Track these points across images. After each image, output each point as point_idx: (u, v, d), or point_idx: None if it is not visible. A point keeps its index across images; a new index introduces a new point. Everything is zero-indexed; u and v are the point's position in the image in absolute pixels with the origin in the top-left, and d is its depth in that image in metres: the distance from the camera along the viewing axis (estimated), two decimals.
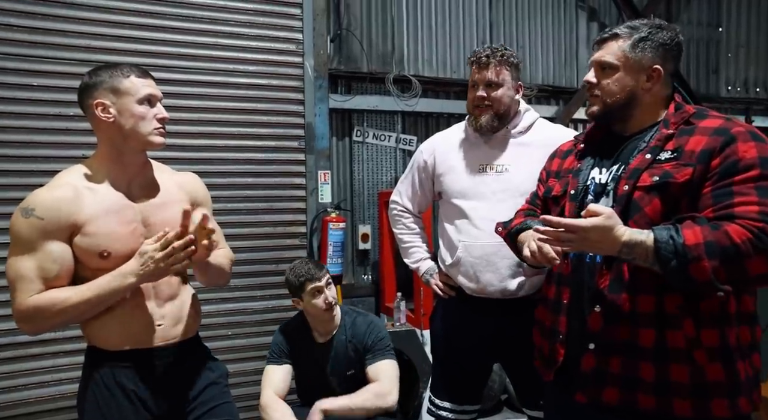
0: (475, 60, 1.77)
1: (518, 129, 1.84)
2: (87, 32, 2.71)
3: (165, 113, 1.44)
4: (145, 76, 1.43)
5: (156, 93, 1.43)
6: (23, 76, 2.62)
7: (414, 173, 2.01)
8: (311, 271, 2.03)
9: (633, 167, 1.26)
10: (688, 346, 1.17)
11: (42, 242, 1.31)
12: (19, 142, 2.61)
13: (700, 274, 1.09)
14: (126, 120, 1.38)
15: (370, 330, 2.09)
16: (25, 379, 2.60)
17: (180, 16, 2.90)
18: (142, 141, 1.41)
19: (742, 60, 4.87)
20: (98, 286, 1.33)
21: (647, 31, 1.31)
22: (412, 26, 3.88)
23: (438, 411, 1.93)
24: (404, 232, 2.07)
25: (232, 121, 3.02)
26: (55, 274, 1.32)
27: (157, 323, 1.46)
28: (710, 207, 1.16)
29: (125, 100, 1.38)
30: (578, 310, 1.32)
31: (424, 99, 3.83)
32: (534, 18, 4.22)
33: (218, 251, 1.52)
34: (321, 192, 3.21)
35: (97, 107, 1.38)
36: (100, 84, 1.38)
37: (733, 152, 1.16)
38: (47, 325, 1.34)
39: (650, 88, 1.31)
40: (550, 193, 1.48)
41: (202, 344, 1.66)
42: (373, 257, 3.78)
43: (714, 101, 4.62)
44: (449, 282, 1.89)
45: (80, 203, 1.36)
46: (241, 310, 3.03)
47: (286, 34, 3.13)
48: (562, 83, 4.29)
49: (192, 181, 1.63)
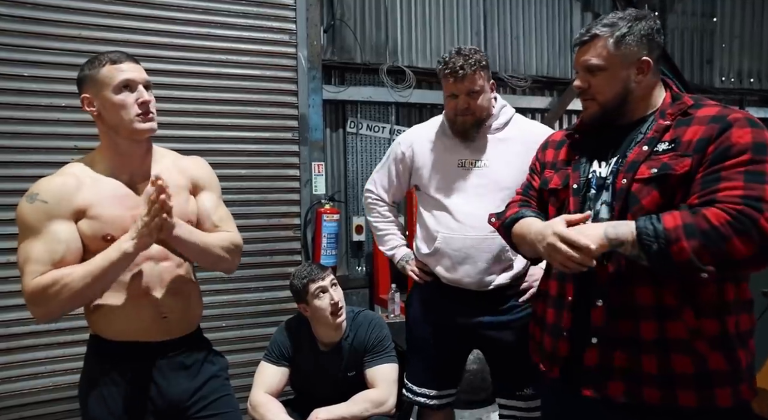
0: (450, 72, 1.73)
1: (496, 125, 1.85)
2: (78, 22, 2.69)
3: (146, 96, 1.37)
4: (121, 61, 1.36)
5: (133, 77, 1.36)
6: (13, 66, 2.59)
7: (390, 164, 2.03)
8: (313, 271, 1.99)
9: (631, 160, 1.26)
10: (689, 337, 1.17)
11: (47, 224, 1.31)
12: (10, 132, 2.59)
13: (679, 255, 1.10)
14: (107, 111, 1.36)
15: (371, 329, 2.05)
16: (19, 371, 2.60)
17: (172, 6, 2.88)
18: (128, 130, 1.37)
19: (736, 50, 4.87)
20: (98, 259, 1.32)
21: (626, 25, 1.28)
22: (405, 17, 3.86)
23: (415, 397, 1.95)
24: (379, 219, 2.09)
25: (225, 113, 3.00)
26: (62, 255, 1.31)
27: (163, 315, 1.45)
28: (696, 193, 1.16)
29: (103, 91, 1.35)
30: (581, 306, 1.32)
31: (418, 90, 3.81)
32: (528, 8, 4.20)
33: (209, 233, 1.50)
34: (315, 183, 3.21)
35: (83, 102, 1.37)
36: (84, 78, 1.38)
37: (726, 138, 1.15)
38: (55, 305, 1.31)
39: (642, 80, 1.30)
40: (547, 185, 1.46)
41: (204, 337, 1.65)
42: (367, 249, 3.78)
43: (708, 92, 4.62)
44: (425, 268, 1.91)
45: (83, 190, 1.36)
46: (234, 302, 3.04)
47: (279, 25, 3.11)
48: (556, 74, 4.28)
49: (194, 165, 1.59)
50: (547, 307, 1.42)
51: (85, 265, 1.32)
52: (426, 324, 1.93)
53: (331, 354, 2.04)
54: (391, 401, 1.95)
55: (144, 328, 1.44)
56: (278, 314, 3.08)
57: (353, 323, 2.07)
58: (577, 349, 1.32)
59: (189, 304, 1.53)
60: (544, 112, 4.24)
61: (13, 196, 2.58)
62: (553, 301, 1.40)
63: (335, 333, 2.02)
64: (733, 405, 1.18)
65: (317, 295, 1.96)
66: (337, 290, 2.00)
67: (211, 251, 1.48)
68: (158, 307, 1.44)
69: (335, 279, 2.04)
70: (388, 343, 2.06)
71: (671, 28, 4.66)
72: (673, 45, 4.65)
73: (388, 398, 1.94)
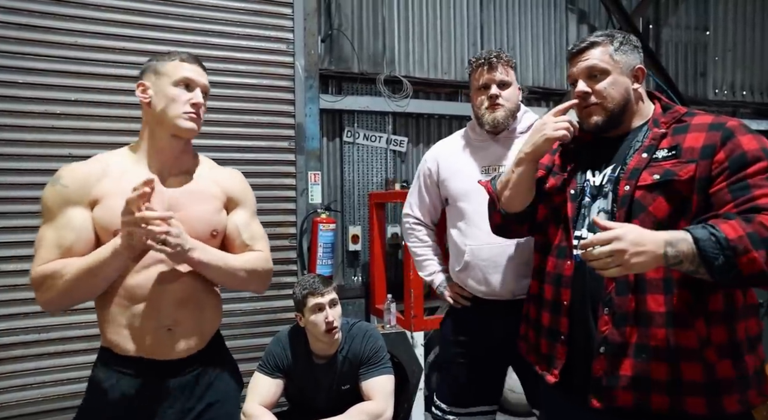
0: (485, 61, 1.79)
1: (520, 129, 1.86)
2: (75, 29, 2.68)
3: (200, 99, 1.39)
4: (191, 62, 1.40)
5: (196, 78, 1.39)
6: (8, 73, 2.58)
7: (421, 183, 2.02)
8: (315, 284, 1.96)
9: (632, 167, 1.27)
10: (700, 345, 1.17)
11: (63, 209, 1.29)
12: (4, 139, 2.56)
13: (751, 266, 1.06)
14: (159, 100, 1.36)
15: (365, 341, 2.03)
16: (6, 382, 2.54)
17: (170, 15, 2.88)
18: (170, 123, 1.36)
19: (730, 63, 4.93)
20: (94, 253, 1.28)
21: (621, 36, 1.35)
22: (403, 27, 3.88)
23: (444, 416, 1.91)
24: (417, 245, 2.06)
25: (222, 121, 2.99)
26: (71, 243, 1.28)
27: (167, 328, 1.34)
28: (730, 202, 1.15)
29: (162, 80, 1.36)
30: (582, 313, 1.31)
31: (415, 100, 3.82)
32: (524, 20, 4.24)
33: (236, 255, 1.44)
34: (311, 193, 3.19)
35: (138, 88, 1.38)
36: (149, 66, 1.39)
37: (736, 146, 1.17)
38: (55, 295, 1.27)
39: (637, 88, 1.34)
40: (541, 186, 1.47)
41: (221, 351, 1.53)
42: (363, 259, 3.76)
43: (701, 104, 4.67)
44: (463, 292, 1.88)
45: (106, 179, 1.34)
46: (229, 312, 3.00)
47: (277, 34, 3.11)
48: (552, 85, 4.31)
49: (231, 178, 1.53)
50: (543, 311, 1.42)
51: (83, 258, 1.28)
52: (463, 346, 1.89)
53: (325, 366, 2.01)
54: (388, 413, 1.92)
55: (146, 343, 1.33)
56: (273, 324, 3.05)
57: (348, 335, 2.05)
58: (581, 358, 1.30)
59: (201, 316, 1.42)
60: None
61: (8, 204, 2.56)
62: (549, 304, 1.40)
63: (329, 347, 2.00)
64: (740, 411, 1.18)
65: (313, 311, 1.94)
66: (335, 309, 1.97)
67: (236, 275, 1.42)
68: (161, 319, 1.34)
69: (336, 297, 2.00)
70: (384, 354, 2.03)
71: (665, 41, 4.71)
72: (667, 58, 4.70)
73: (385, 410, 1.91)
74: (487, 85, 1.80)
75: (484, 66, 1.79)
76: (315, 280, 1.99)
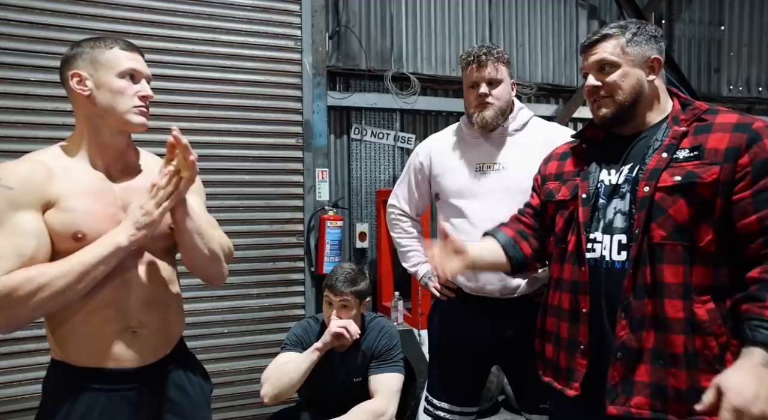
0: (474, 59, 1.75)
1: (514, 127, 1.82)
2: (84, 27, 2.70)
3: (148, 91, 1.29)
4: (131, 50, 1.29)
5: (140, 69, 1.29)
6: (20, 71, 2.61)
7: (410, 176, 2.00)
8: (338, 282, 1.94)
9: (651, 168, 1.22)
10: (720, 352, 1.14)
11: (12, 214, 1.13)
12: (17, 137, 2.60)
13: None
14: (102, 94, 1.24)
15: (380, 336, 2.02)
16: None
17: (178, 12, 2.89)
18: (119, 119, 1.25)
19: (744, 59, 4.84)
20: (82, 254, 1.16)
21: (636, 26, 1.30)
22: (411, 24, 3.86)
23: (435, 411, 1.91)
24: (402, 235, 2.06)
25: (230, 118, 3.00)
26: (33, 252, 1.13)
27: (131, 330, 1.27)
28: (752, 214, 1.12)
29: (104, 72, 1.24)
30: (600, 320, 1.27)
31: (423, 97, 3.80)
32: (534, 16, 4.20)
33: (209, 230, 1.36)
34: (319, 190, 3.20)
35: (73, 78, 1.25)
36: (79, 55, 1.26)
37: (761, 150, 1.13)
38: (25, 310, 1.11)
39: (653, 80, 1.29)
40: (553, 197, 1.43)
41: (186, 355, 1.46)
42: (371, 256, 3.76)
43: (715, 101, 4.59)
44: (448, 284, 1.86)
45: (53, 179, 1.20)
46: (237, 308, 3.02)
47: (285, 31, 3.12)
48: (561, 82, 4.27)
49: None
50: (560, 321, 1.37)
51: (65, 261, 1.15)
52: (448, 339, 1.89)
53: (342, 355, 2.02)
54: (391, 411, 1.92)
55: (110, 349, 1.24)
56: (281, 320, 3.07)
57: (366, 328, 2.05)
58: (596, 364, 1.27)
59: (167, 318, 1.34)
60: (550, 120, 4.22)
61: None
62: (566, 314, 1.35)
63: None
64: None
65: (327, 302, 1.97)
66: (345, 311, 1.95)
67: (211, 244, 1.33)
68: (126, 320, 1.25)
69: (352, 300, 1.96)
70: (396, 353, 2.03)
71: (678, 37, 4.64)
72: (680, 53, 4.64)
73: (387, 409, 1.91)
74: (476, 84, 1.77)
75: (473, 64, 1.75)
76: (345, 276, 1.97)
